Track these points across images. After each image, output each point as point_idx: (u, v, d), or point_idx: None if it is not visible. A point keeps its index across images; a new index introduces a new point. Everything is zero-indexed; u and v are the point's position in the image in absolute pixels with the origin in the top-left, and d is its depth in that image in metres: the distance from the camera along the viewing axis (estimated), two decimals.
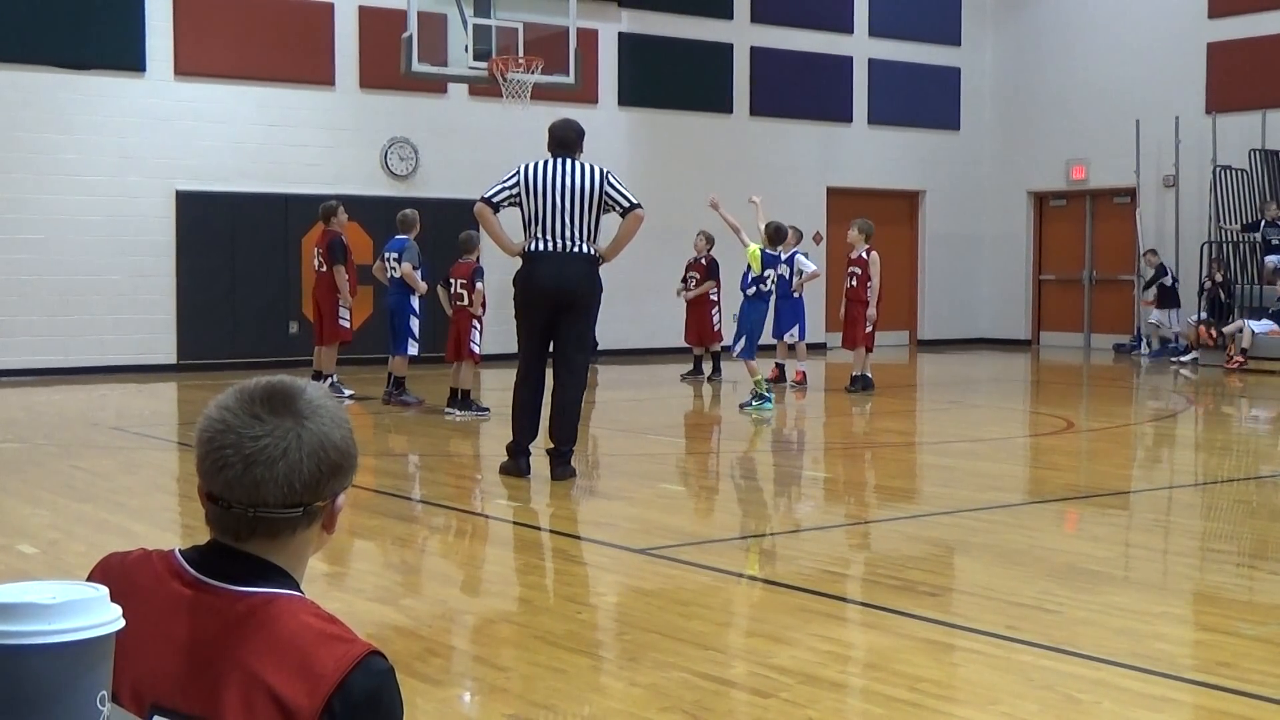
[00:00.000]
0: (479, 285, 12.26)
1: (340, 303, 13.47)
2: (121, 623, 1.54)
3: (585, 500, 7.95)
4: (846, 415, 13.28)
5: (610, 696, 4.16)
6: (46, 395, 14.22)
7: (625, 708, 4.05)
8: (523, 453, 8.42)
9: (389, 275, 13.14)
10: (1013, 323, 23.43)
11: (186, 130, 16.99)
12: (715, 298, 16.03)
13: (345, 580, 5.80)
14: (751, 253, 13.12)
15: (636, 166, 19.48)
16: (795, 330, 15.05)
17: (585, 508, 7.78)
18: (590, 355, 9.20)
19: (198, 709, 1.78)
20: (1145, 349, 20.21)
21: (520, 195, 8.26)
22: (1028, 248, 23.35)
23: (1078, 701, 4.07)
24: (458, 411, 12.12)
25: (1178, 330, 20.09)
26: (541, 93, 16.09)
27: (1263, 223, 19.22)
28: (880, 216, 17.83)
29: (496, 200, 8.26)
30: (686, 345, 16.59)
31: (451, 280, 12.45)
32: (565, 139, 8.41)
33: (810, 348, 16.16)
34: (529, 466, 8.39)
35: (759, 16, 21.27)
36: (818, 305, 19.67)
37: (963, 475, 8.97)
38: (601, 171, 8.37)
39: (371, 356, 15.77)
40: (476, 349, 12.31)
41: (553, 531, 7.23)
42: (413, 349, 13.06)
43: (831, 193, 21.92)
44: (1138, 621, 5.03)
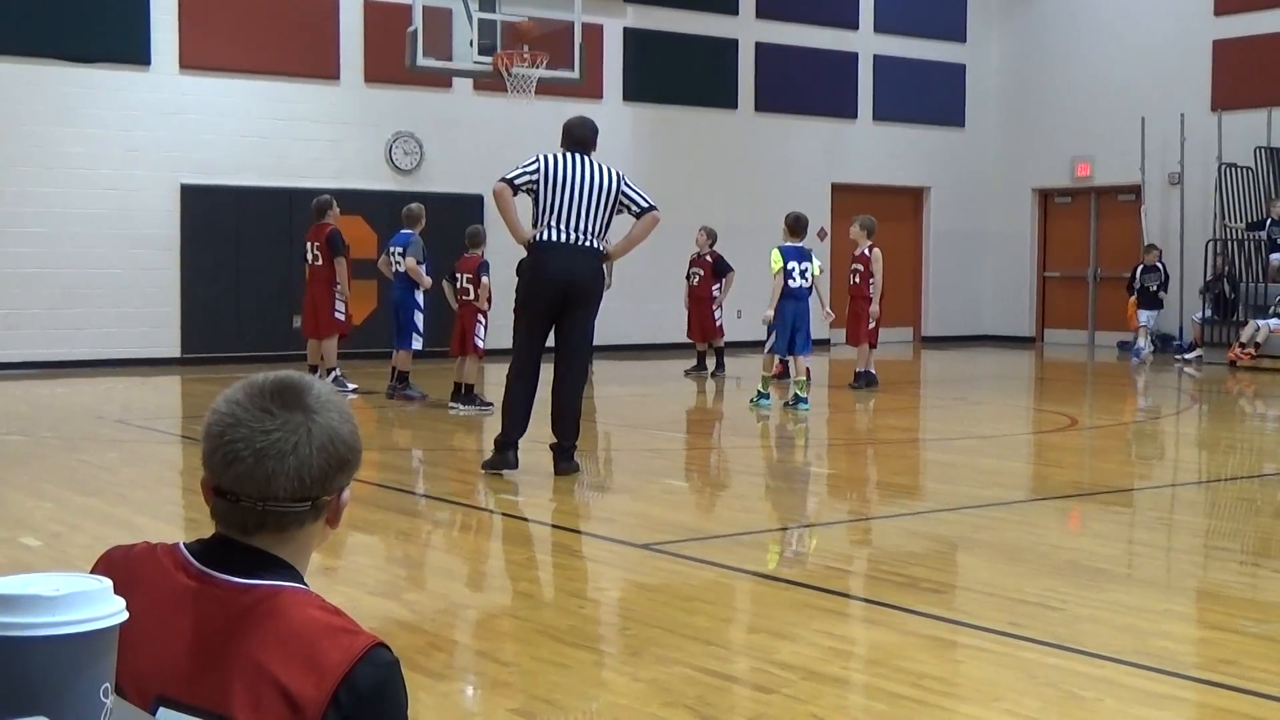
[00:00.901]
0: (484, 280, 12.26)
1: (337, 295, 13.48)
2: (125, 615, 1.54)
3: (588, 495, 7.95)
4: (850, 411, 13.28)
5: (613, 691, 4.16)
6: (50, 388, 14.23)
7: (628, 703, 4.05)
8: (512, 446, 8.34)
9: (393, 270, 13.14)
10: (1017, 320, 23.41)
11: (191, 124, 17.00)
12: (718, 294, 16.02)
13: (348, 574, 5.80)
14: (774, 255, 12.78)
15: (641, 162, 19.48)
16: None
17: (588, 503, 7.78)
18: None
19: (203, 701, 1.79)
20: (1143, 348, 19.75)
21: (538, 184, 8.23)
22: (1032, 245, 23.33)
23: (1080, 699, 4.06)
24: (461, 406, 12.12)
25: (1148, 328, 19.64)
26: (546, 88, 16.09)
27: (1269, 221, 19.18)
28: (885, 213, 17.85)
29: (518, 183, 8.21)
30: (689, 341, 16.59)
31: (457, 275, 12.45)
32: (583, 137, 8.44)
33: (814, 344, 16.13)
34: (517, 460, 8.35)
35: (764, 12, 21.25)
36: (825, 298, 19.61)
37: (966, 472, 8.97)
38: (618, 173, 8.44)
39: (375, 351, 15.78)
40: (481, 344, 12.32)
41: (555, 526, 7.23)
42: (417, 343, 13.06)
43: (836, 189, 21.91)
44: (1141, 619, 5.03)
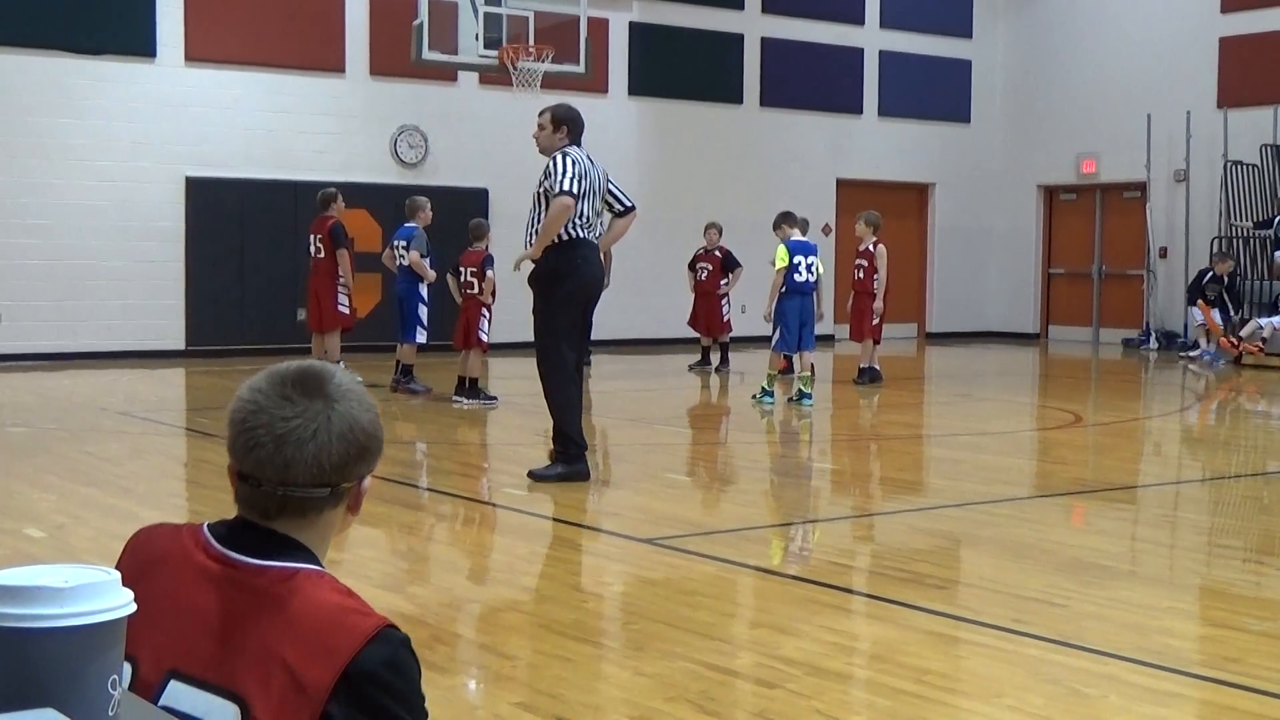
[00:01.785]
0: (489, 273, 12.26)
1: (340, 288, 13.47)
2: (133, 607, 1.54)
3: (592, 490, 7.95)
4: (854, 407, 13.28)
5: (616, 685, 4.17)
6: (55, 380, 14.25)
7: (631, 697, 4.05)
8: (586, 452, 8.14)
9: (397, 263, 13.15)
10: (1021, 316, 23.40)
11: (197, 116, 17.00)
12: (726, 289, 16.02)
13: (352, 568, 5.80)
14: (779, 254, 12.78)
15: (646, 156, 19.48)
16: None
17: (592, 497, 7.78)
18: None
19: (214, 677, 1.83)
20: (1209, 352, 18.78)
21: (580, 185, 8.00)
22: (1037, 241, 23.31)
23: (1084, 695, 4.06)
24: (465, 400, 12.12)
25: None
26: (551, 82, 16.08)
27: (1277, 219, 19.14)
28: (890, 209, 17.83)
29: (577, 192, 7.91)
30: (694, 335, 16.58)
31: (461, 268, 12.45)
32: (582, 128, 8.35)
33: (818, 340, 16.11)
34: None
35: (770, 7, 21.22)
36: (825, 298, 19.59)
37: (970, 468, 8.97)
38: (602, 167, 8.36)
39: (379, 344, 15.78)
40: (485, 337, 12.32)
41: (559, 520, 7.23)
42: (421, 337, 13.07)
43: (841, 184, 21.89)
44: (1145, 616, 5.03)
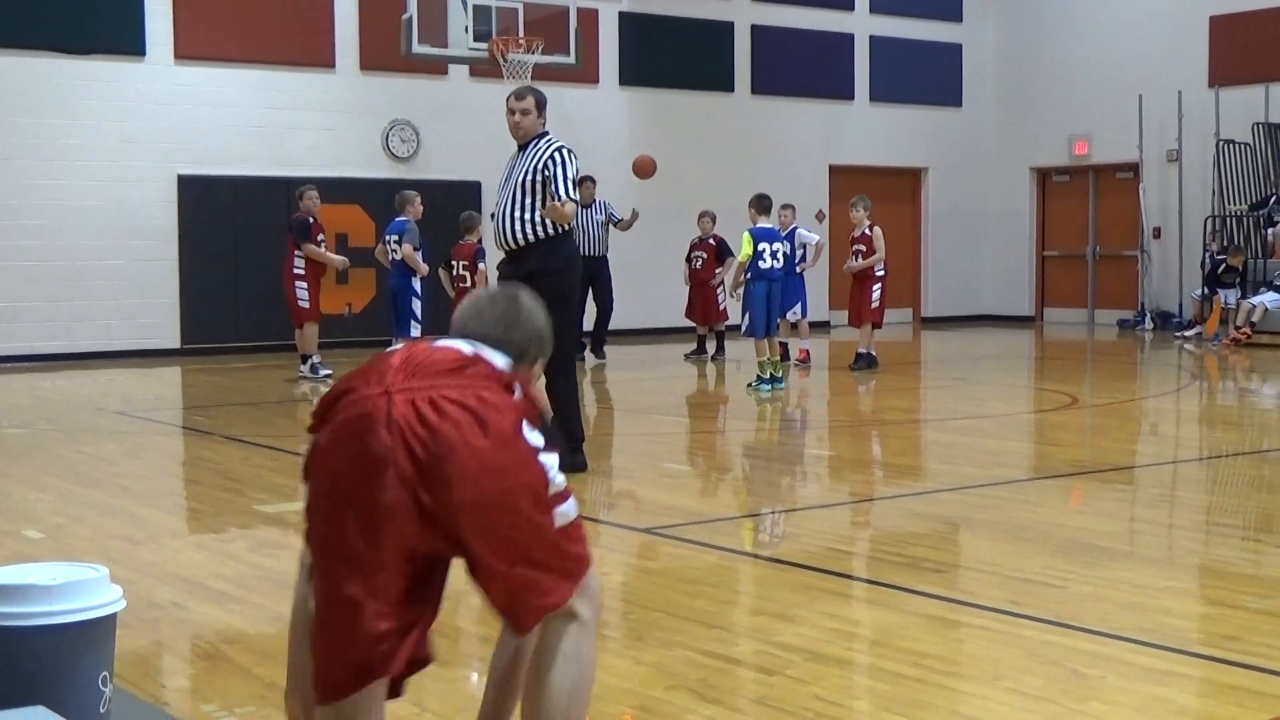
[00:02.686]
0: (481, 266, 12.26)
1: (299, 283, 13.43)
2: (123, 604, 1.54)
3: (590, 480, 7.94)
4: (850, 393, 13.28)
5: (616, 675, 4.17)
6: (51, 380, 14.23)
7: (631, 686, 4.05)
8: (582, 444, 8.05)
9: (390, 257, 13.15)
10: (1016, 299, 23.40)
11: (187, 114, 16.97)
12: (721, 276, 16.01)
13: None
14: (744, 241, 12.86)
15: (638, 146, 19.37)
16: (798, 308, 15.00)
17: (590, 487, 7.77)
18: None
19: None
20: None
21: None
22: (1031, 224, 23.31)
23: (1083, 676, 4.07)
24: None
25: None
26: (542, 73, 16.06)
27: (1272, 199, 19.12)
28: (882, 194, 17.83)
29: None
30: (689, 324, 16.58)
31: (454, 261, 12.45)
32: None
33: (813, 325, 16.14)
34: None
35: None
36: (821, 283, 19.63)
37: (967, 452, 8.97)
38: None
39: (374, 339, 15.77)
40: None
41: None
42: (415, 330, 13.08)
43: (834, 171, 21.88)
44: (1143, 596, 5.04)
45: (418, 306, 13.05)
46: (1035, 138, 22.83)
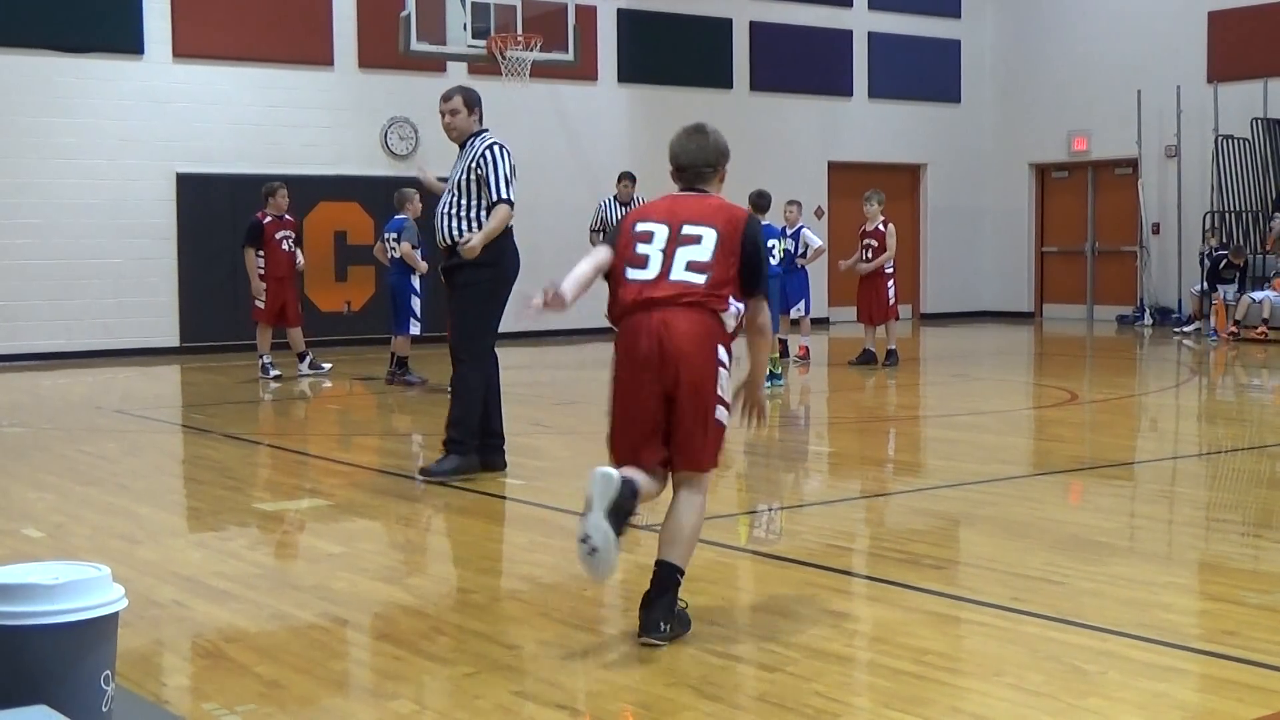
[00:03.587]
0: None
1: (252, 286, 13.72)
2: (125, 603, 1.53)
3: (589, 478, 7.93)
4: (850, 390, 13.27)
5: (617, 672, 4.17)
6: (50, 379, 14.23)
7: (632, 683, 4.05)
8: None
9: (389, 255, 13.15)
10: (1015, 295, 23.41)
11: (186, 112, 16.96)
12: None
13: (350, 560, 5.80)
14: None
15: (636, 143, 19.43)
16: (801, 305, 15.00)
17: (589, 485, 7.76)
18: None
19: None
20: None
21: None
22: (1030, 220, 23.31)
23: (1084, 672, 4.07)
24: None
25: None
26: (541, 70, 16.05)
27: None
28: (882, 190, 17.76)
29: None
30: None
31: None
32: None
33: (814, 322, 16.13)
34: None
35: None
36: (821, 280, 19.62)
37: (966, 448, 8.97)
38: None
39: (374, 337, 15.77)
40: None
41: (556, 509, 7.22)
42: (415, 328, 13.07)
43: (833, 167, 21.88)
44: (1143, 592, 5.04)
45: (417, 304, 13.04)
46: (1034, 134, 22.83)
